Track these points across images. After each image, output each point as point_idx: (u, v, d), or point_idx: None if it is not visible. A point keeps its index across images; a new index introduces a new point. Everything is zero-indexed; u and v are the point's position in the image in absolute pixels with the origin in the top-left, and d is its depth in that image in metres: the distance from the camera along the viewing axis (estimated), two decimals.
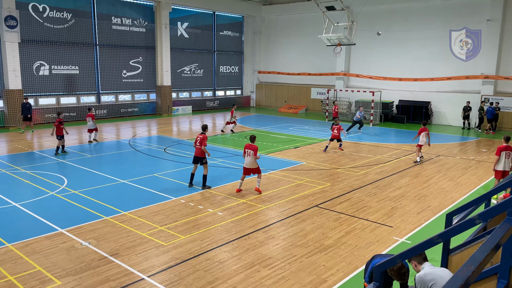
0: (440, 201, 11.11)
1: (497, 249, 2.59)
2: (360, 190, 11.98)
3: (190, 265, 7.27)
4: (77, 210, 9.98)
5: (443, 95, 26.45)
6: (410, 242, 8.42)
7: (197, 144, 11.87)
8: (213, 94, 35.11)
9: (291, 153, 17.05)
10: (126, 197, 11.02)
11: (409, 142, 19.87)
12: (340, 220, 9.53)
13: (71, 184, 12.02)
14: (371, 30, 28.77)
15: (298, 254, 7.76)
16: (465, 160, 16.17)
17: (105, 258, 7.49)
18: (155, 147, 18.14)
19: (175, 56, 30.96)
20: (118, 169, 14.05)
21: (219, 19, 34.43)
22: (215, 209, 10.12)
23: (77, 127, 23.36)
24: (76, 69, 25.80)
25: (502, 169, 11.07)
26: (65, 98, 25.78)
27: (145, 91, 29.86)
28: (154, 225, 9.05)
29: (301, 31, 33.42)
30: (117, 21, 27.44)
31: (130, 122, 25.94)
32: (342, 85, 30.86)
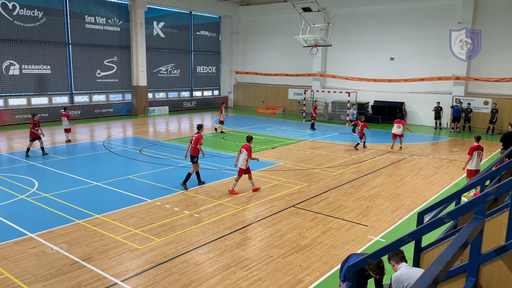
0: (413, 199, 11.33)
1: (465, 247, 2.63)
2: (336, 189, 12.09)
3: (165, 268, 7.16)
4: (48, 213, 9.69)
5: (417, 95, 27.04)
6: (384, 240, 8.54)
7: (191, 143, 11.99)
8: (190, 94, 34.83)
9: (268, 153, 17.07)
10: (99, 200, 10.78)
11: (384, 142, 20.21)
12: (317, 220, 9.59)
13: (42, 187, 11.67)
14: (347, 31, 29.15)
15: (275, 255, 7.75)
16: (437, 159, 16.55)
17: (77, 263, 7.29)
18: (130, 148, 17.84)
19: (151, 56, 30.55)
20: (92, 171, 13.74)
21: (195, 19, 34.19)
22: (191, 211, 10.02)
23: (50, 128, 22.74)
24: (48, 68, 25.12)
25: (474, 168, 11.33)
26: (37, 99, 25.06)
27: (120, 91, 29.35)
28: (128, 228, 8.88)
29: (278, 32, 33.54)
30: (91, 20, 26.87)
31: (105, 123, 25.44)
32: (319, 86, 31.14)
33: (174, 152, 16.96)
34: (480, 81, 24.84)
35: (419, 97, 26.87)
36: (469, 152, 11.36)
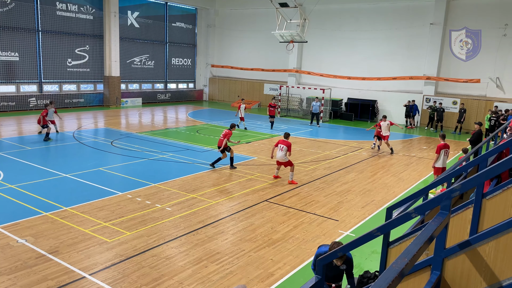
0: (383, 195, 11.59)
1: (430, 241, 2.71)
2: (308, 185, 12.22)
3: (135, 262, 7.07)
4: (13, 205, 9.37)
5: (389, 94, 27.59)
6: (354, 235, 8.71)
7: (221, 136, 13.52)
8: (164, 86, 34.32)
9: (243, 148, 17.06)
10: (68, 192, 10.50)
11: (356, 139, 20.55)
12: (289, 215, 9.67)
13: (8, 178, 11.27)
14: (323, 28, 29.39)
15: (247, 249, 7.78)
16: (407, 156, 16.98)
17: (43, 256, 7.09)
18: (101, 140, 17.44)
19: (124, 46, 29.88)
20: (60, 163, 13.36)
21: (171, 10, 33.64)
22: (163, 205, 9.91)
23: (16, 118, 21.96)
24: (16, 55, 24.18)
25: (441, 166, 11.71)
26: (4, 87, 24.10)
27: (92, 81, 28.59)
28: (97, 221, 8.70)
29: (254, 26, 33.44)
30: (62, 7, 26.00)
31: (75, 113, 24.76)
32: (294, 82, 31.30)
33: (146, 144, 16.71)
34: (450, 82, 25.59)
35: (391, 95, 27.43)
36: (436, 151, 11.74)
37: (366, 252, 7.76)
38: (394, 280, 2.07)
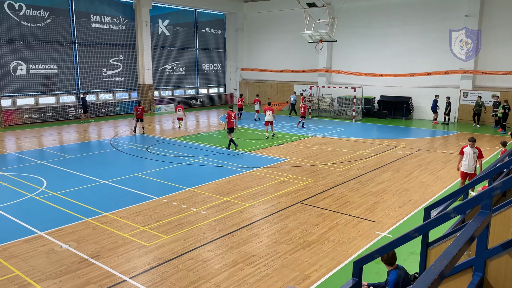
0: (421, 195, 11.28)
1: (471, 242, 2.62)
2: (342, 185, 12.07)
3: (173, 265, 7.21)
4: (56, 212, 9.79)
5: (423, 90, 26.83)
6: (392, 236, 8.53)
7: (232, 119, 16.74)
8: (196, 92, 34.88)
9: (274, 150, 17.08)
10: (107, 198, 10.86)
11: (390, 137, 20.12)
12: (323, 216, 9.59)
13: (51, 186, 11.79)
14: (352, 26, 28.99)
15: (282, 251, 7.77)
16: (445, 154, 16.44)
17: (85, 260, 7.37)
18: (137, 146, 17.93)
19: (156, 54, 30.62)
20: (99, 170, 13.84)
21: (200, 16, 34.18)
22: (198, 208, 10.07)
23: (57, 127, 22.94)
24: (54, 68, 25.28)
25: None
26: (44, 98, 25.25)
27: (126, 89, 29.47)
28: (136, 226, 8.95)
29: (282, 28, 33.44)
30: (96, 19, 26.97)
31: (112, 121, 25.57)
32: (324, 82, 31.01)
33: (180, 149, 17.03)
34: (488, 75, 24.59)
35: (426, 91, 26.65)
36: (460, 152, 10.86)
37: (405, 253, 7.58)
38: (434, 282, 2.02)
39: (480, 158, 10.61)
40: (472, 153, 10.50)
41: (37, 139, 19.55)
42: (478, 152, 10.55)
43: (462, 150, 10.76)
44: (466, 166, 10.60)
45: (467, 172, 10.63)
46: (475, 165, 10.58)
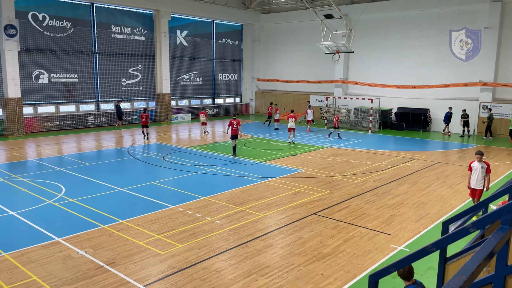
0: (439, 208, 11.08)
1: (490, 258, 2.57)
2: (358, 197, 11.95)
3: (187, 274, 7.23)
4: (74, 218, 9.94)
5: (442, 102, 26.48)
6: (409, 250, 8.38)
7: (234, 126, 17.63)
8: (212, 101, 35.18)
9: (289, 160, 17.04)
10: (123, 206, 10.98)
11: (408, 149, 19.87)
12: (338, 228, 9.49)
13: (69, 193, 11.98)
14: (369, 38, 28.93)
15: (296, 263, 7.71)
16: (463, 167, 16.14)
17: (101, 267, 7.44)
18: (153, 155, 18.12)
19: (174, 64, 31.07)
20: (116, 177, 14.02)
21: (218, 27, 34.60)
22: (213, 217, 10.09)
23: (76, 135, 23.37)
24: (75, 77, 25.87)
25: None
26: (65, 106, 25.81)
27: (144, 99, 29.91)
28: (151, 234, 9.01)
29: (299, 39, 33.58)
30: (117, 30, 27.57)
31: (129, 130, 25.94)
32: (340, 93, 30.93)
33: (196, 158, 17.14)
34: (509, 87, 24.16)
35: (444, 103, 26.29)
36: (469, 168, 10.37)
37: (422, 268, 7.43)
38: None
39: (488, 173, 10.13)
40: (480, 168, 10.06)
41: (56, 146, 19.97)
42: (486, 167, 10.08)
43: (470, 166, 10.29)
44: (474, 181, 10.14)
45: (475, 188, 10.17)
46: (483, 180, 10.09)
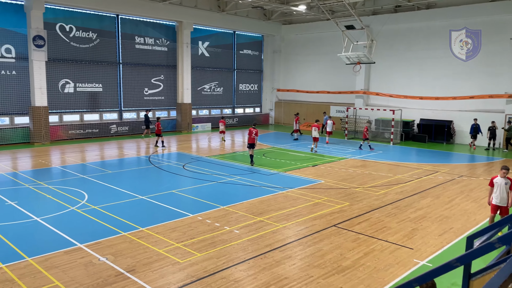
0: (463, 223, 10.80)
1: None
2: (379, 210, 11.76)
3: (206, 283, 7.23)
4: (96, 225, 10.11)
5: (466, 114, 25.93)
6: (432, 265, 8.18)
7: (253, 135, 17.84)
8: (232, 111, 35.42)
9: (309, 171, 16.94)
10: (144, 213, 11.12)
11: (431, 162, 19.49)
12: (359, 241, 9.35)
13: (91, 200, 12.21)
14: (391, 49, 28.70)
15: (315, 275, 7.62)
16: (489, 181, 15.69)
17: (121, 274, 7.53)
18: (174, 163, 18.32)
19: (195, 74, 31.50)
20: (137, 185, 14.22)
21: (239, 38, 34.97)
22: (232, 227, 10.09)
23: (99, 143, 23.86)
24: (99, 86, 26.51)
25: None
26: (89, 115, 26.44)
27: (166, 108, 30.37)
28: (170, 242, 9.07)
29: (320, 49, 33.60)
30: (140, 41, 28.20)
31: (151, 139, 26.33)
32: (361, 103, 30.68)
33: (216, 168, 17.23)
34: None
35: (469, 115, 25.73)
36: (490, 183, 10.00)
37: (445, 284, 7.24)
38: None
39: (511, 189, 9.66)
40: (504, 184, 9.59)
41: (80, 154, 20.42)
42: (510, 183, 9.60)
43: (491, 181, 9.83)
44: (498, 198, 9.65)
45: (499, 205, 9.70)
46: (508, 197, 9.63)
